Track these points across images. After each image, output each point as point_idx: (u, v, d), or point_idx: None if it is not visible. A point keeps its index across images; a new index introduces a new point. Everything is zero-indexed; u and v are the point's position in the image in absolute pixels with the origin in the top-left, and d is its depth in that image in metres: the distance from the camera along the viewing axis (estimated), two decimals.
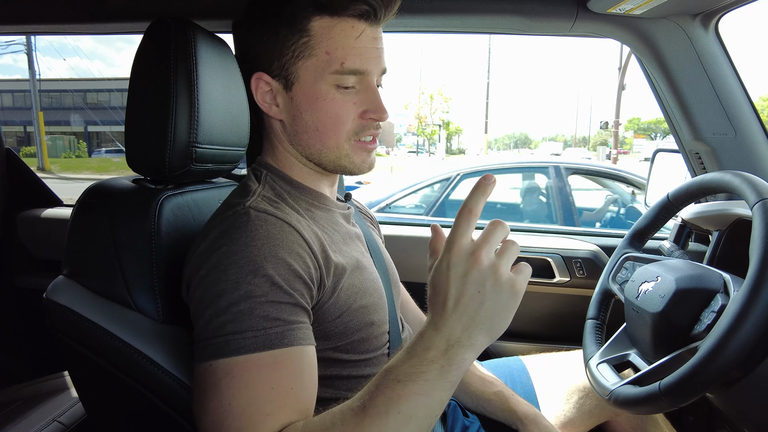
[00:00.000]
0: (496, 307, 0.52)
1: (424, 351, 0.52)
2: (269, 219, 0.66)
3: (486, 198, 0.53)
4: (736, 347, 0.63)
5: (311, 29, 0.70)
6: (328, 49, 0.70)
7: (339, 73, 0.70)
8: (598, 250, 1.45)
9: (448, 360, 0.51)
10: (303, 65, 0.71)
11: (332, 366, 0.73)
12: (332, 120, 0.72)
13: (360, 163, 0.76)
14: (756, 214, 0.71)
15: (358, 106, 0.73)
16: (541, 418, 0.90)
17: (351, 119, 0.73)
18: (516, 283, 0.52)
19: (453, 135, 50.81)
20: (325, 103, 0.72)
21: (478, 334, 0.52)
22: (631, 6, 0.98)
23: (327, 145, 0.74)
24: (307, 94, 0.72)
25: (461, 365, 0.52)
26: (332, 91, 0.71)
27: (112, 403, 0.76)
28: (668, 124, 1.20)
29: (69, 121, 31.20)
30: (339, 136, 0.73)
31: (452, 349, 0.52)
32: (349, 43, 0.70)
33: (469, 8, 1.08)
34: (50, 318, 0.71)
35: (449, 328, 0.52)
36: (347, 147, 0.75)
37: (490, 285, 0.51)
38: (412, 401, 0.51)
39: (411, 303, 1.08)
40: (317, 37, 0.70)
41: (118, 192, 0.77)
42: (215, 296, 0.60)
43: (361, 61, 0.71)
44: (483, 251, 0.52)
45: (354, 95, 0.73)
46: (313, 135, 0.74)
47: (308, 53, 0.70)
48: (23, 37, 18.08)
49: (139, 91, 0.77)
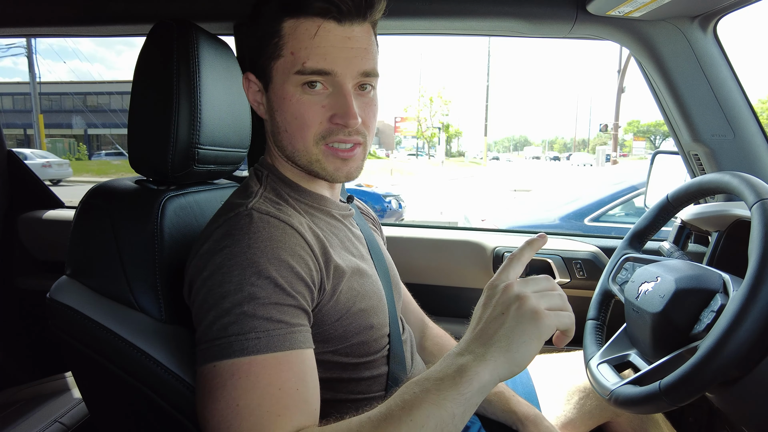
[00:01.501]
0: (516, 330, 0.55)
1: (442, 363, 0.56)
2: (272, 221, 0.66)
3: (534, 252, 0.63)
4: (735, 346, 0.63)
5: (281, 30, 0.69)
6: (293, 49, 0.68)
7: (301, 73, 0.68)
8: (598, 251, 1.46)
9: (460, 371, 0.53)
10: (274, 66, 0.71)
11: (332, 369, 0.73)
12: (297, 122, 0.70)
13: (333, 171, 0.73)
14: (755, 214, 0.71)
15: (327, 110, 0.70)
16: (541, 419, 0.90)
17: (317, 122, 0.70)
18: (541, 315, 0.55)
19: (453, 138, 50.84)
20: (290, 104, 0.70)
21: (494, 350, 0.54)
22: (630, 8, 0.98)
23: (296, 147, 0.73)
24: (276, 94, 0.72)
25: (473, 379, 0.53)
26: (297, 92, 0.70)
27: (114, 402, 0.76)
28: (667, 126, 1.21)
29: (69, 123, 31.19)
30: (305, 139, 0.71)
31: (467, 360, 0.54)
32: (312, 42, 0.67)
33: (470, 11, 1.09)
34: (53, 318, 0.72)
35: (468, 343, 0.56)
36: (316, 151, 0.72)
37: (514, 309, 0.56)
38: (424, 410, 0.52)
39: (413, 304, 1.08)
40: (285, 38, 0.69)
41: (120, 193, 0.77)
42: (219, 298, 0.60)
43: (326, 61, 0.68)
44: (516, 284, 0.58)
45: (324, 98, 0.70)
46: (284, 136, 0.73)
47: (278, 53, 0.70)
48: (24, 40, 18.13)
49: (141, 92, 0.78)
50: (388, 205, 7.89)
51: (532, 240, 0.62)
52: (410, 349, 0.88)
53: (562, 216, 3.18)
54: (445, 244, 1.53)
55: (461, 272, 1.52)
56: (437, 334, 1.07)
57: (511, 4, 1.06)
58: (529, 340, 0.54)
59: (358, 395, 0.75)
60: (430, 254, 1.53)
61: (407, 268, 1.44)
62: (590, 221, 3.08)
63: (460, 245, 1.52)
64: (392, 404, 0.54)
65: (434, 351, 1.03)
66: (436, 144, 35.91)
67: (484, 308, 0.59)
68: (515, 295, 0.56)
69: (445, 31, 1.20)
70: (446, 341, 1.06)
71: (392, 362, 0.79)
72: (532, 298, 0.56)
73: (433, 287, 1.54)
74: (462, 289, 1.54)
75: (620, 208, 3.23)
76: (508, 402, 0.93)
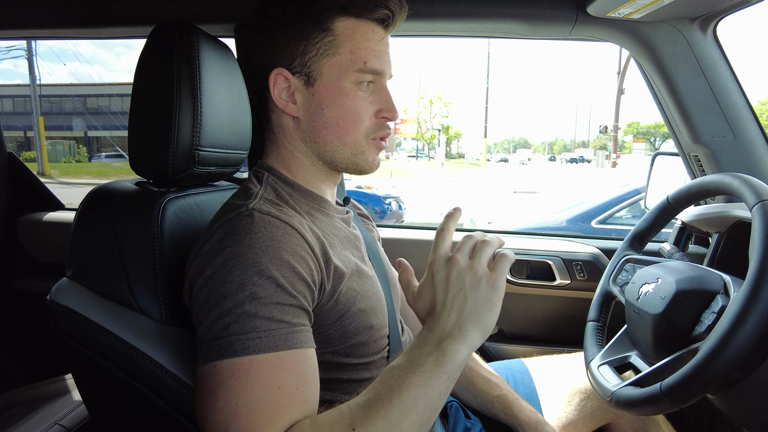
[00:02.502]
0: (479, 300, 0.60)
1: (419, 347, 0.60)
2: (272, 221, 0.66)
3: (456, 222, 0.66)
4: (736, 348, 0.63)
5: (335, 29, 0.73)
6: (352, 49, 0.73)
7: (361, 71, 0.74)
8: (599, 253, 1.46)
9: (442, 352, 0.58)
10: (327, 63, 0.74)
11: (332, 369, 0.73)
12: (353, 116, 0.75)
13: (372, 160, 0.80)
14: (755, 215, 0.71)
15: (373, 105, 0.77)
16: (543, 425, 0.90)
17: (368, 117, 0.77)
18: (493, 277, 0.61)
19: (452, 139, 50.88)
20: (348, 100, 0.75)
21: (468, 326, 0.59)
22: (630, 10, 0.99)
23: (345, 141, 0.77)
24: (330, 90, 0.75)
25: (455, 357, 0.58)
26: (354, 89, 0.75)
27: (115, 404, 0.76)
28: (667, 127, 1.21)
29: (69, 126, 31.20)
30: (357, 133, 0.76)
31: (445, 341, 0.58)
32: (371, 44, 0.74)
33: (470, 12, 1.09)
34: (54, 320, 0.72)
35: (440, 325, 0.60)
36: (364, 144, 0.78)
37: (470, 282, 0.61)
38: (412, 391, 0.56)
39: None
40: (341, 37, 0.73)
41: (121, 194, 0.77)
42: (220, 297, 0.60)
43: (380, 63, 0.75)
44: (458, 255, 0.63)
45: (369, 95, 0.76)
46: (332, 131, 0.76)
47: (333, 51, 0.74)
48: (24, 42, 18.13)
49: (142, 94, 0.78)
50: (388, 207, 7.89)
51: (450, 213, 0.66)
52: None
53: (569, 218, 3.18)
54: None
55: None
56: None
57: (511, 6, 1.07)
58: (493, 304, 0.61)
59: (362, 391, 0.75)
60: (429, 256, 1.53)
61: None
62: (597, 223, 3.08)
63: None
64: (379, 389, 0.57)
65: None
66: (436, 146, 35.94)
67: (439, 286, 0.62)
68: (464, 267, 0.62)
69: (445, 32, 1.20)
70: None
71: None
72: (477, 264, 0.61)
73: None
74: None
75: (627, 210, 3.24)
76: (511, 406, 0.94)
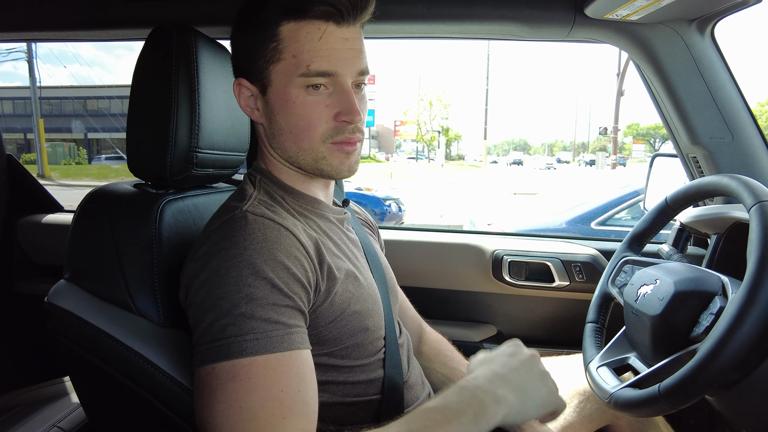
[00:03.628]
0: (531, 386, 0.67)
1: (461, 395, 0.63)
2: (267, 223, 0.66)
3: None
4: (734, 349, 0.63)
5: (280, 33, 0.70)
6: (294, 53, 0.69)
7: (306, 75, 0.70)
8: (597, 254, 1.46)
9: (482, 409, 0.61)
10: (274, 69, 0.71)
11: (328, 371, 0.73)
12: (304, 122, 0.72)
13: (338, 165, 0.75)
14: (753, 216, 0.71)
15: (331, 108, 0.72)
16: (539, 424, 0.90)
17: (324, 121, 0.72)
18: (550, 379, 0.70)
19: (452, 141, 50.91)
20: (295, 106, 0.71)
21: (513, 399, 0.64)
22: (627, 12, 0.99)
23: (302, 147, 0.73)
24: (279, 97, 0.72)
25: (491, 418, 0.61)
26: (302, 94, 0.71)
27: (113, 406, 0.76)
28: (666, 128, 1.21)
29: (69, 128, 31.19)
30: (313, 139, 0.72)
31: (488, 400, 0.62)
32: (315, 45, 0.69)
33: (468, 14, 1.09)
34: (52, 322, 0.71)
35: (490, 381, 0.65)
36: (323, 150, 0.73)
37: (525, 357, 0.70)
38: None
39: (410, 309, 1.08)
40: (285, 41, 0.70)
41: (119, 196, 0.77)
42: (217, 299, 0.60)
43: (329, 63, 0.70)
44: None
45: (327, 97, 0.72)
46: (287, 137, 0.74)
47: (277, 57, 0.71)
48: (24, 44, 18.16)
49: (140, 96, 0.78)
50: (387, 209, 7.89)
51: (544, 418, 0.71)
52: (407, 353, 0.88)
53: (569, 220, 3.18)
54: (444, 247, 1.53)
55: (460, 275, 1.52)
56: (434, 339, 1.07)
57: (510, 7, 1.07)
58: (536, 385, 0.67)
59: (354, 398, 0.75)
60: (429, 257, 1.53)
61: (406, 272, 1.44)
62: (597, 225, 3.08)
63: (459, 248, 1.52)
64: (413, 428, 0.59)
65: (431, 355, 1.03)
66: (436, 147, 35.92)
67: (509, 357, 0.70)
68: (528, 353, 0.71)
69: (444, 34, 1.20)
70: (443, 346, 1.06)
71: (388, 366, 0.79)
72: (541, 363, 0.71)
73: (432, 290, 1.54)
74: (461, 292, 1.53)
75: (627, 212, 3.24)
76: None
